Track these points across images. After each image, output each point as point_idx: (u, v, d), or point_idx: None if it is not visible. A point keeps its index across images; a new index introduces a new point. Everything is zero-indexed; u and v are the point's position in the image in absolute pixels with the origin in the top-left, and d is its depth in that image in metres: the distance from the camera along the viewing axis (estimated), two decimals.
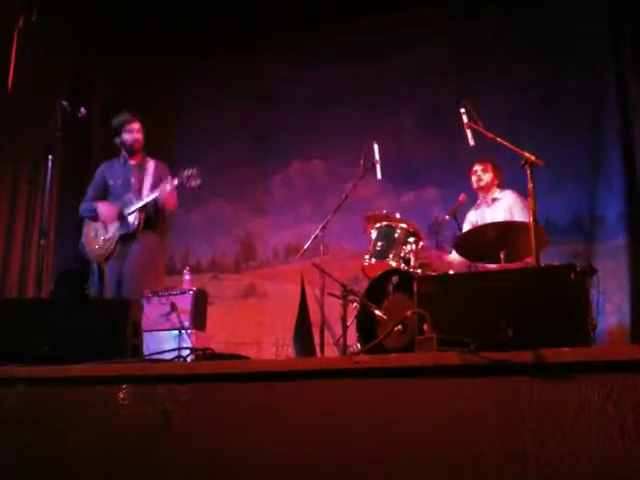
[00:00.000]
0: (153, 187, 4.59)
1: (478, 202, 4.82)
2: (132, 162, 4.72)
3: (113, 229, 4.55)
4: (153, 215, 4.59)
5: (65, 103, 3.99)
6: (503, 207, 4.61)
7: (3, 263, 6.05)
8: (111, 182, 4.69)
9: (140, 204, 4.52)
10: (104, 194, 4.70)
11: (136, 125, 4.72)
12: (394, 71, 6.78)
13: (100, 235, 4.59)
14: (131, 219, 4.51)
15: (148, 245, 4.60)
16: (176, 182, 4.43)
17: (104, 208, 4.59)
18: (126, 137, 4.70)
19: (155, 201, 4.53)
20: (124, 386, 2.10)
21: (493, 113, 5.00)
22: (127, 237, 4.52)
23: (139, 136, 4.72)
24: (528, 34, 6.27)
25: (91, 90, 7.24)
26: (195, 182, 4.41)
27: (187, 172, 4.43)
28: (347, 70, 6.94)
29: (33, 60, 6.32)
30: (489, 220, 4.58)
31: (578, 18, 6.06)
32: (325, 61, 7.05)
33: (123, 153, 4.75)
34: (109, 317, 2.56)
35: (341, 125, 6.86)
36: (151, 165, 4.72)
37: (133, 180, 4.65)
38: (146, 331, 4.19)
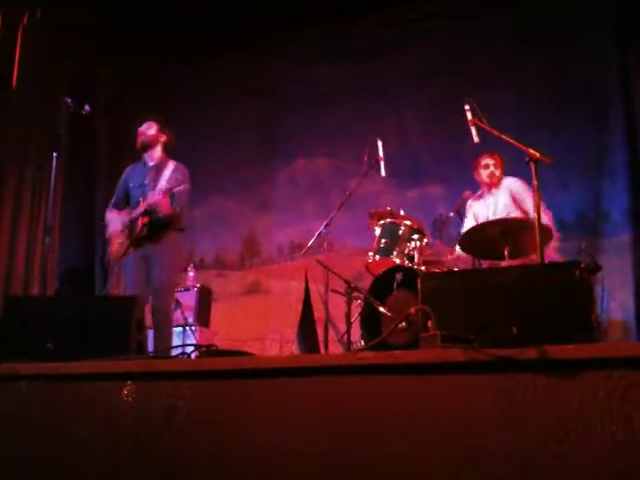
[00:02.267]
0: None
1: (480, 192, 4.81)
2: (151, 163, 4.59)
3: (124, 235, 4.45)
4: (163, 218, 4.36)
5: (69, 100, 3.99)
6: (503, 192, 4.62)
7: (8, 260, 6.06)
8: (130, 185, 4.58)
9: (140, 210, 4.36)
10: (126, 198, 4.62)
11: (141, 127, 4.63)
12: (398, 68, 6.76)
13: (117, 238, 4.51)
14: (136, 224, 4.37)
15: (170, 250, 4.46)
16: (165, 187, 4.27)
17: (112, 220, 4.54)
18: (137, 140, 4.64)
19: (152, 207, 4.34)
20: (129, 382, 2.11)
21: (497, 110, 4.99)
22: (141, 240, 4.38)
23: (143, 136, 4.60)
24: (531, 32, 6.25)
25: (95, 87, 7.26)
26: (179, 187, 4.29)
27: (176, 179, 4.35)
28: (351, 68, 6.92)
29: (37, 57, 6.33)
30: (492, 206, 4.58)
31: (582, 16, 6.04)
32: (328, 59, 7.04)
33: (144, 155, 4.65)
34: (114, 314, 2.57)
35: (345, 122, 6.85)
36: (170, 167, 4.53)
37: (147, 182, 4.50)
38: (151, 328, 4.21)
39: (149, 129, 4.61)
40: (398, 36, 6.81)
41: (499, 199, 4.62)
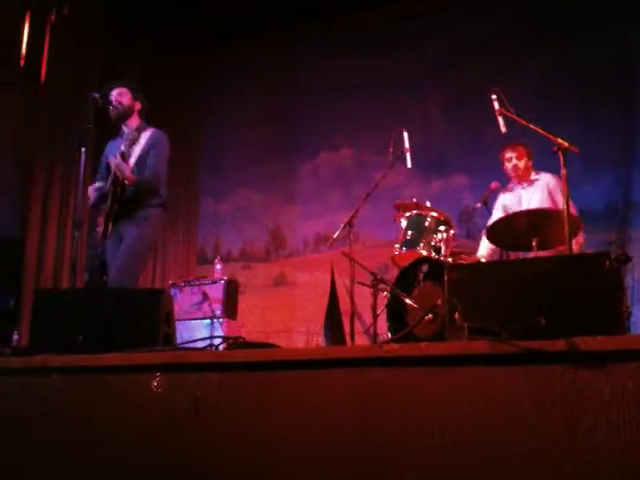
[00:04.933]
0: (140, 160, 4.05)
1: (511, 185, 4.74)
2: (127, 132, 4.19)
3: (103, 209, 4.05)
4: (134, 191, 3.99)
5: (96, 95, 4.01)
6: (540, 188, 4.54)
7: (38, 254, 6.16)
8: (109, 159, 4.12)
9: (110, 181, 3.99)
10: (109, 174, 4.13)
11: (112, 93, 4.18)
12: (422, 58, 6.74)
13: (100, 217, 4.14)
14: (108, 198, 4.00)
15: (142, 225, 4.00)
16: (122, 150, 3.92)
17: (90, 194, 4.09)
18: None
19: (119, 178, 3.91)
20: (158, 374, 2.13)
21: (524, 100, 4.93)
22: (115, 217, 3.99)
23: (119, 106, 4.15)
24: (557, 19, 6.18)
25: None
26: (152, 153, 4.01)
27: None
28: (374, 58, 6.91)
29: (65, 53, 6.41)
30: (525, 202, 4.52)
31: (606, 3, 5.95)
32: (352, 50, 7.04)
33: (121, 126, 4.26)
34: (142, 306, 2.59)
35: (369, 114, 6.85)
36: (146, 135, 4.13)
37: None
38: (179, 320, 4.23)
39: (121, 97, 4.18)
40: (420, 26, 6.79)
41: (534, 194, 4.54)
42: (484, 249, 4.55)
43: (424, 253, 4.19)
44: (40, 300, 2.75)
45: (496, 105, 3.72)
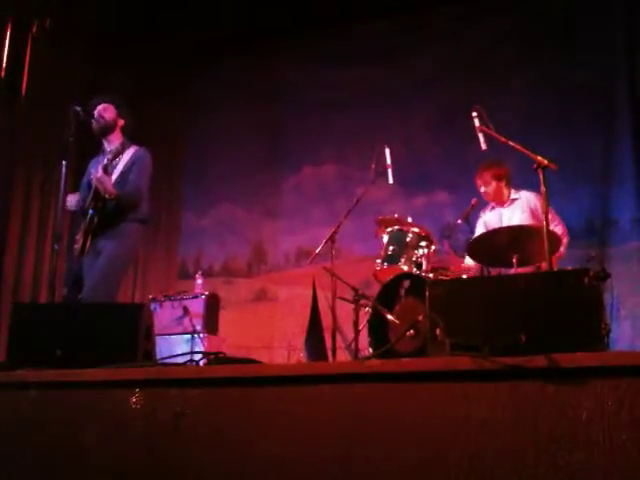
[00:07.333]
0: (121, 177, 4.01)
1: (492, 205, 4.78)
2: (109, 149, 4.15)
3: (82, 225, 4.01)
4: (115, 205, 3.94)
5: (78, 108, 3.99)
6: (520, 206, 4.57)
7: (17, 267, 6.09)
8: (92, 177, 4.01)
9: (89, 197, 3.95)
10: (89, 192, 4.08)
11: (97, 108, 4.15)
12: (406, 74, 6.78)
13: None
14: (88, 212, 3.94)
15: (121, 239, 3.96)
16: (105, 163, 3.89)
17: (70, 203, 4.05)
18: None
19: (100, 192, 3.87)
20: (137, 390, 2.11)
21: (505, 116, 4.99)
22: (94, 232, 3.94)
23: (102, 120, 4.11)
24: (540, 37, 6.28)
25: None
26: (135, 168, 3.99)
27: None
28: (358, 73, 6.95)
29: (47, 66, 6.37)
30: (506, 220, 4.55)
31: (590, 19, 6.06)
32: (337, 64, 7.07)
33: (102, 142, 4.23)
34: (122, 321, 2.57)
35: (353, 129, 6.87)
36: (129, 151, 4.11)
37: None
38: (158, 335, 4.18)
39: (105, 111, 4.15)
40: (408, 41, 6.84)
41: (515, 213, 4.57)
42: (470, 261, 4.57)
43: (405, 269, 4.20)
44: (18, 314, 2.73)
45: (477, 122, 3.75)
